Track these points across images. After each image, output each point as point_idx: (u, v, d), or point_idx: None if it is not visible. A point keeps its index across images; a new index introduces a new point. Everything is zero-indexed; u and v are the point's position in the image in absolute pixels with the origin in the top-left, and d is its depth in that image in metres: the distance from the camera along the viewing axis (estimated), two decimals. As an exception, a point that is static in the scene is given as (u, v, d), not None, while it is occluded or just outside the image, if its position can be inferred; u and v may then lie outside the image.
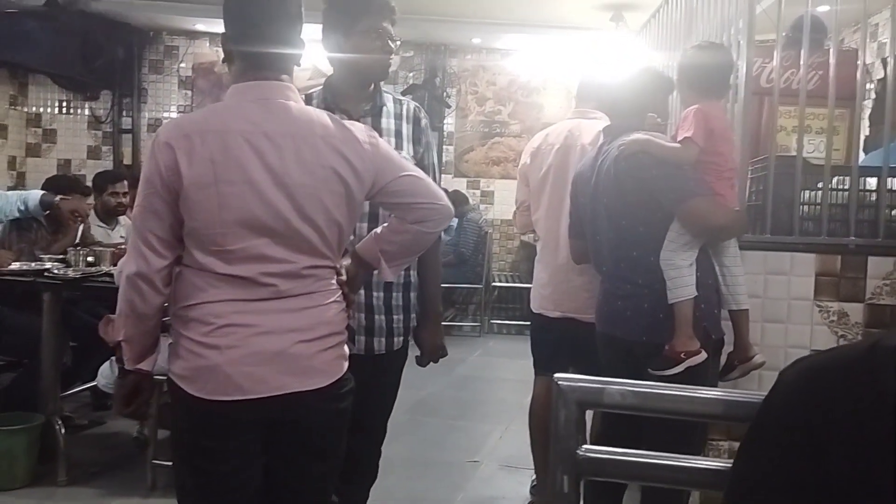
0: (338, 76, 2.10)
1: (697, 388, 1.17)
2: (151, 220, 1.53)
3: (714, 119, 2.20)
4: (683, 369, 2.09)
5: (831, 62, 2.63)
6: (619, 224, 2.27)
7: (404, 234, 1.71)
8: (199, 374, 1.54)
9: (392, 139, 2.06)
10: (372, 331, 2.08)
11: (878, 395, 0.78)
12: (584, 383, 1.15)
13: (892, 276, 2.47)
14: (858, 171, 2.60)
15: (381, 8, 2.04)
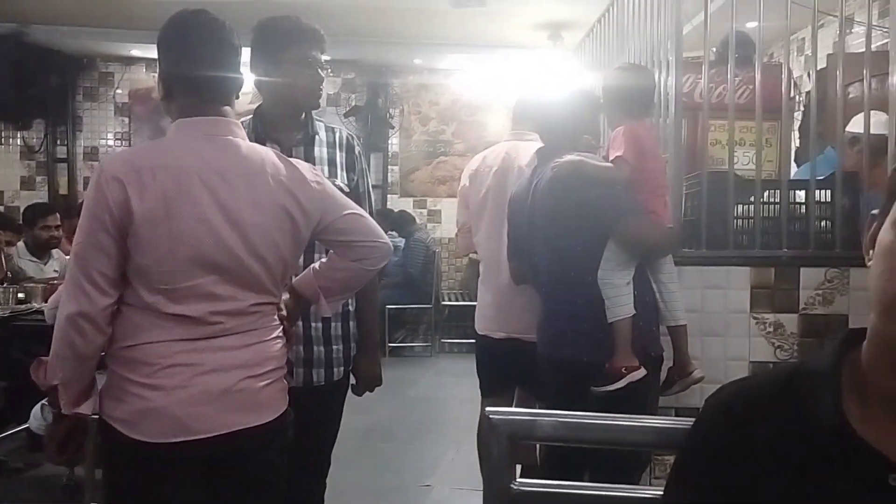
0: (267, 105, 2.07)
1: (631, 418, 1.17)
2: (97, 257, 1.48)
3: (643, 137, 2.24)
4: (625, 385, 2.10)
5: (757, 77, 2.69)
6: (556, 245, 2.27)
7: (345, 272, 1.72)
8: (142, 417, 1.49)
9: (325, 168, 2.04)
10: (311, 362, 2.05)
11: (797, 423, 0.79)
12: (515, 416, 1.14)
13: (824, 287, 2.53)
14: (788, 184, 2.65)
15: (311, 37, 2.01)
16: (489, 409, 1.12)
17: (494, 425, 1.11)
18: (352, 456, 4.11)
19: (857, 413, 0.77)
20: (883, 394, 0.76)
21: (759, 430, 0.80)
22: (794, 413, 0.79)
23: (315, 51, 2.02)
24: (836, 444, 0.76)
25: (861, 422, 0.76)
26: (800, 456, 0.77)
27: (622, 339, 2.13)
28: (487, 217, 2.86)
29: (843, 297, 2.52)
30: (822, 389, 0.79)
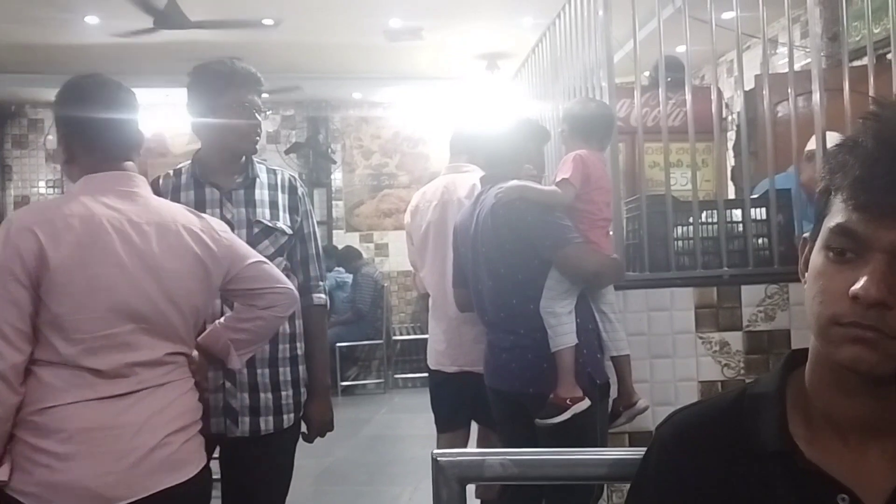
0: (205, 149, 2.02)
1: (581, 451, 1.14)
2: (8, 310, 1.42)
3: (592, 166, 2.24)
4: (570, 416, 2.08)
5: (688, 99, 2.74)
6: (498, 272, 2.25)
7: (255, 321, 1.72)
8: (53, 491, 1.41)
9: (267, 210, 1.99)
10: (258, 410, 1.97)
11: (744, 447, 0.79)
12: (463, 457, 1.10)
13: (765, 303, 2.56)
14: (724, 203, 2.70)
15: (246, 80, 1.99)
16: (436, 452, 1.08)
17: (442, 468, 1.07)
18: (306, 502, 4.00)
19: (802, 434, 0.77)
20: (826, 414, 0.76)
21: (709, 457, 0.80)
22: (742, 438, 0.79)
23: (251, 94, 2.00)
24: (783, 467, 0.76)
25: (807, 443, 0.76)
26: (749, 480, 0.77)
27: (565, 369, 2.11)
28: (431, 251, 2.84)
29: (784, 313, 2.56)
30: (768, 412, 0.79)
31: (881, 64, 3.08)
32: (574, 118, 2.36)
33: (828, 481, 0.73)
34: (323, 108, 7.79)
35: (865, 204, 0.68)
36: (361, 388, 7.04)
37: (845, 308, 0.69)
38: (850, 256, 0.70)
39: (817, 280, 0.73)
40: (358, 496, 4.03)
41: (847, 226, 0.70)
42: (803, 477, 0.74)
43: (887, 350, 0.68)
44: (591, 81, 2.92)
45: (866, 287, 0.67)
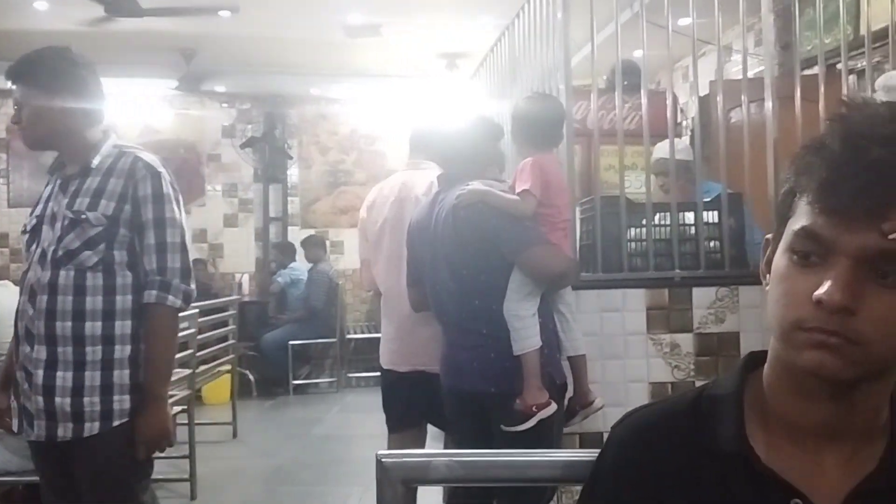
0: None
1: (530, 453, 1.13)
2: None
3: (549, 172, 2.23)
4: (536, 423, 2.07)
5: (643, 103, 2.76)
6: (461, 274, 2.23)
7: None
8: None
9: (87, 199, 1.86)
10: (54, 415, 1.82)
11: (700, 449, 0.78)
12: (409, 458, 1.07)
13: (716, 305, 2.59)
14: (677, 206, 2.72)
15: None
16: (380, 453, 1.05)
17: (387, 469, 1.04)
18: (254, 502, 3.93)
19: (759, 437, 0.76)
20: (783, 417, 0.76)
21: (665, 457, 0.79)
22: (699, 439, 0.78)
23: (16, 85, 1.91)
24: (738, 469, 0.75)
25: (763, 446, 0.76)
26: (704, 483, 0.76)
27: (531, 373, 2.10)
28: (386, 248, 2.81)
29: (734, 315, 2.59)
30: (725, 414, 0.78)
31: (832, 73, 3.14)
32: (525, 118, 2.34)
33: (782, 485, 0.73)
34: (280, 104, 7.69)
35: (831, 208, 0.67)
36: (314, 387, 6.96)
37: (809, 312, 0.68)
38: (815, 260, 0.69)
39: (780, 283, 0.72)
40: (307, 496, 3.97)
41: (812, 229, 0.69)
42: (758, 480, 0.74)
43: (850, 356, 0.67)
44: (548, 83, 2.91)
45: (830, 292, 0.66)
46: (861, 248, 0.66)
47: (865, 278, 0.67)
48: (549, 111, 2.37)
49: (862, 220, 0.66)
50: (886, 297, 0.67)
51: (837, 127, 0.70)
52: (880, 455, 0.73)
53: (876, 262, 0.66)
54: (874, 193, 0.65)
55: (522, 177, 2.21)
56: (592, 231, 2.67)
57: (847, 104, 0.73)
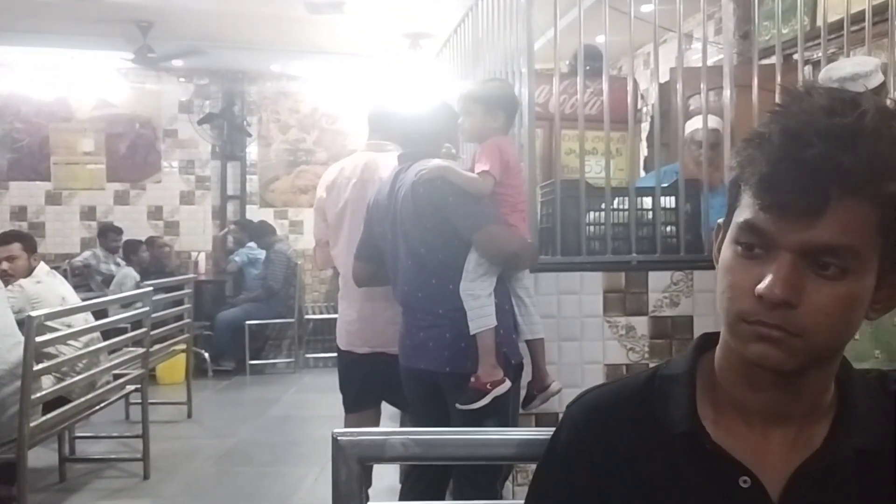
0: None
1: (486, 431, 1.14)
2: None
3: (508, 153, 2.25)
4: (490, 400, 2.09)
5: (605, 89, 2.78)
6: (418, 252, 2.24)
7: None
8: None
9: None
10: None
11: (654, 428, 0.80)
12: (364, 436, 1.07)
13: (671, 289, 2.64)
14: (636, 191, 2.75)
15: None
16: (336, 431, 1.05)
17: (342, 447, 1.04)
18: (208, 482, 3.90)
19: (710, 417, 0.78)
20: (733, 399, 0.78)
21: (618, 437, 0.81)
22: (651, 418, 0.80)
23: None
24: (690, 448, 0.77)
25: (714, 425, 0.77)
26: (656, 461, 0.78)
27: (486, 351, 2.12)
28: (346, 230, 2.78)
29: (688, 299, 2.64)
30: (678, 394, 0.80)
31: (788, 63, 3.20)
32: (486, 100, 2.31)
33: (732, 463, 0.75)
34: (239, 80, 7.55)
35: (771, 204, 0.68)
36: (271, 368, 6.91)
37: (751, 305, 0.70)
38: (759, 252, 0.70)
39: (726, 274, 0.73)
40: (262, 477, 3.95)
41: (754, 223, 0.70)
42: (708, 458, 0.76)
43: (792, 347, 0.69)
44: (511, 66, 2.91)
45: (771, 287, 0.68)
46: (801, 242, 0.68)
47: (806, 271, 0.68)
48: (506, 93, 2.38)
49: (802, 215, 0.67)
50: (826, 288, 0.68)
51: (777, 119, 0.71)
52: (825, 435, 0.76)
53: (816, 256, 0.68)
54: (813, 190, 0.66)
55: (482, 158, 2.21)
56: (552, 214, 2.69)
57: (787, 94, 0.73)
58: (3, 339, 2.99)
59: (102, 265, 6.59)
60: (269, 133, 7.69)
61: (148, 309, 3.99)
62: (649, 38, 2.95)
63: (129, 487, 3.77)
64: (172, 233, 7.49)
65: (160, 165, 7.52)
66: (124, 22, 5.85)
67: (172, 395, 5.25)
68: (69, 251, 7.09)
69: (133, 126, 7.45)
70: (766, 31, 3.96)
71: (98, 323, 3.67)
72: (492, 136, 2.26)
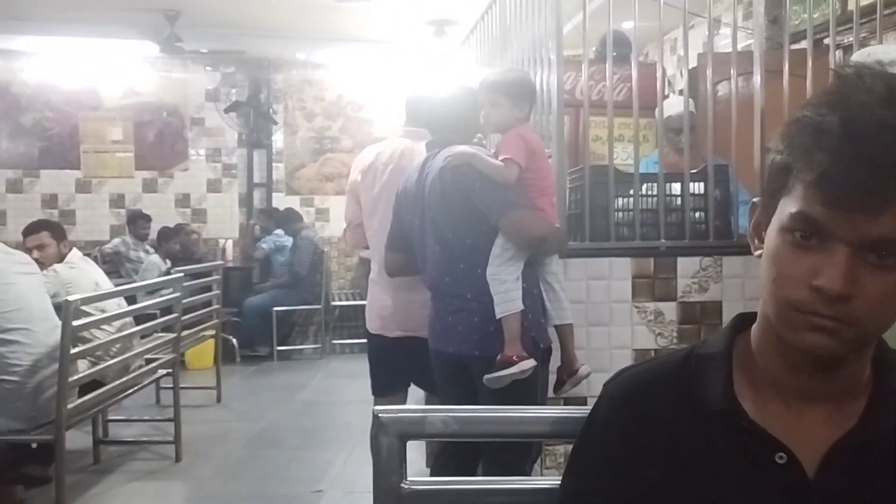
0: None
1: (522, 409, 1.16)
2: None
3: (531, 140, 2.26)
4: (517, 371, 2.10)
5: (633, 75, 2.77)
6: (446, 237, 2.26)
7: None
8: None
9: None
10: None
11: (690, 406, 0.81)
12: (405, 414, 1.10)
13: (699, 275, 2.64)
14: (665, 177, 2.75)
15: None
16: (377, 408, 1.08)
17: (383, 424, 1.07)
18: (238, 465, 3.97)
19: (747, 395, 0.79)
20: (770, 378, 0.79)
21: (655, 414, 0.82)
22: (688, 396, 0.81)
23: None
24: (726, 425, 0.78)
25: (751, 403, 0.78)
26: (692, 438, 0.79)
27: (512, 335, 2.14)
28: (380, 215, 2.78)
29: (717, 285, 2.63)
30: (714, 373, 0.81)
31: (819, 48, 3.17)
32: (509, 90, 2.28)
33: (768, 440, 0.76)
34: (265, 68, 7.60)
35: (832, 199, 0.68)
36: (298, 353, 6.99)
37: (806, 296, 0.70)
38: (813, 243, 0.70)
39: (776, 263, 0.73)
40: (291, 461, 4.01)
41: (811, 215, 0.70)
42: (745, 435, 0.77)
43: (845, 336, 0.70)
44: (539, 53, 2.91)
45: (831, 280, 0.68)
46: (860, 236, 0.68)
47: (861, 262, 0.69)
48: (530, 83, 2.39)
49: (861, 210, 0.67)
50: (881, 279, 0.69)
51: (834, 108, 0.70)
52: (860, 412, 0.77)
53: (873, 247, 0.68)
54: (875, 187, 0.66)
55: (506, 147, 2.23)
56: (581, 200, 2.69)
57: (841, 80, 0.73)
58: (41, 323, 3.07)
59: (132, 252, 6.70)
60: (295, 121, 7.74)
61: (179, 294, 4.06)
62: (675, 23, 2.93)
63: (161, 469, 3.86)
64: (200, 220, 7.58)
65: (187, 153, 7.60)
66: (152, 11, 5.91)
67: (201, 380, 5.33)
68: (99, 238, 7.19)
69: (161, 114, 7.53)
70: (796, 16, 3.91)
71: (131, 308, 3.75)
72: (515, 125, 2.27)
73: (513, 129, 2.26)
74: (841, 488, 0.75)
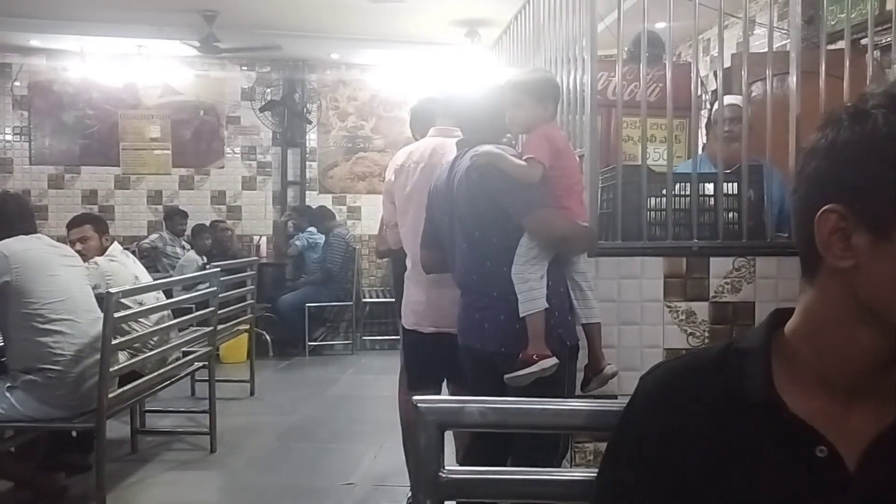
0: None
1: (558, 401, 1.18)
2: None
3: (556, 139, 2.27)
4: (537, 370, 2.12)
5: (667, 75, 2.78)
6: (473, 236, 2.29)
7: None
8: None
9: None
10: None
11: (728, 398, 0.81)
12: (443, 404, 1.13)
13: (732, 275, 2.64)
14: (698, 177, 2.75)
15: None
16: (416, 398, 1.11)
17: (422, 413, 1.10)
18: (271, 457, 4.04)
19: (787, 388, 0.79)
20: (817, 374, 0.78)
21: (693, 407, 0.82)
22: (726, 389, 0.81)
23: None
24: (766, 417, 0.78)
25: (791, 396, 0.78)
26: (730, 431, 0.79)
27: (535, 334, 2.16)
28: (413, 213, 2.82)
29: (749, 285, 2.63)
30: (753, 366, 0.81)
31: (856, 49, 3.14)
32: (534, 90, 2.30)
33: (809, 433, 0.75)
34: (300, 68, 7.70)
35: None
36: (329, 349, 7.08)
37: None
38: None
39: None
40: (322, 454, 4.08)
41: None
42: (785, 427, 0.76)
43: None
44: (572, 52, 2.93)
45: None
46: None
47: None
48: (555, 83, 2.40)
49: None
50: None
51: None
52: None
53: None
54: None
55: (530, 147, 2.25)
56: (613, 200, 2.71)
57: None
58: (84, 314, 3.15)
59: (168, 248, 6.83)
60: (329, 120, 7.83)
61: (215, 289, 4.14)
62: (707, 24, 2.93)
63: (196, 460, 3.94)
64: (234, 217, 7.71)
65: (223, 151, 7.73)
66: (190, 11, 6.02)
67: (234, 374, 5.43)
68: (136, 234, 7.34)
69: (197, 113, 7.67)
70: (833, 16, 3.88)
71: (169, 301, 3.84)
72: (540, 124, 2.28)
73: (538, 128, 2.28)
74: (882, 482, 0.74)
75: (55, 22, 6.38)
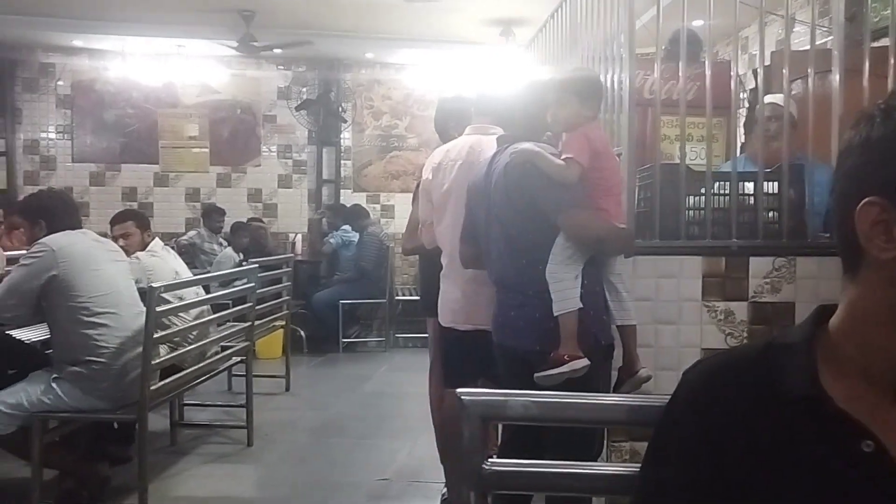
0: None
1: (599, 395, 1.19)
2: None
3: (596, 140, 2.26)
4: (568, 370, 2.11)
5: (707, 74, 2.76)
6: (510, 233, 2.30)
7: None
8: None
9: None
10: None
11: (771, 393, 0.81)
12: (487, 397, 1.14)
13: (772, 275, 2.61)
14: (737, 176, 2.73)
15: None
16: (460, 391, 1.12)
17: (466, 406, 1.12)
18: (306, 451, 4.09)
19: (832, 383, 0.78)
20: (864, 370, 0.78)
21: (734, 402, 0.82)
22: (768, 384, 0.81)
23: None
24: (810, 412, 0.78)
25: (837, 392, 0.78)
26: (773, 426, 0.79)
27: (567, 332, 2.15)
28: (451, 211, 2.83)
29: (790, 286, 2.60)
30: (797, 361, 0.81)
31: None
32: (578, 89, 2.30)
33: (854, 426, 0.75)
34: (335, 67, 7.76)
35: None
36: (363, 346, 7.14)
37: None
38: None
39: None
40: (356, 448, 4.12)
41: None
42: (830, 422, 0.76)
43: None
44: (609, 51, 2.92)
45: None
46: None
47: None
48: (598, 82, 2.40)
49: None
50: None
51: None
52: None
53: None
54: None
55: (570, 146, 2.24)
56: (650, 199, 2.69)
57: None
58: (128, 308, 3.22)
59: (206, 244, 6.95)
60: (363, 119, 7.89)
61: (253, 285, 4.21)
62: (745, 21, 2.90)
63: (234, 453, 4.01)
64: (270, 215, 7.80)
65: (260, 150, 7.83)
66: (228, 11, 6.12)
67: (270, 370, 5.50)
68: (175, 230, 7.47)
69: (235, 112, 7.78)
70: (876, 13, 3.81)
71: (208, 296, 3.91)
72: (582, 123, 2.28)
73: (579, 128, 2.27)
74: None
75: (97, 23, 6.52)
